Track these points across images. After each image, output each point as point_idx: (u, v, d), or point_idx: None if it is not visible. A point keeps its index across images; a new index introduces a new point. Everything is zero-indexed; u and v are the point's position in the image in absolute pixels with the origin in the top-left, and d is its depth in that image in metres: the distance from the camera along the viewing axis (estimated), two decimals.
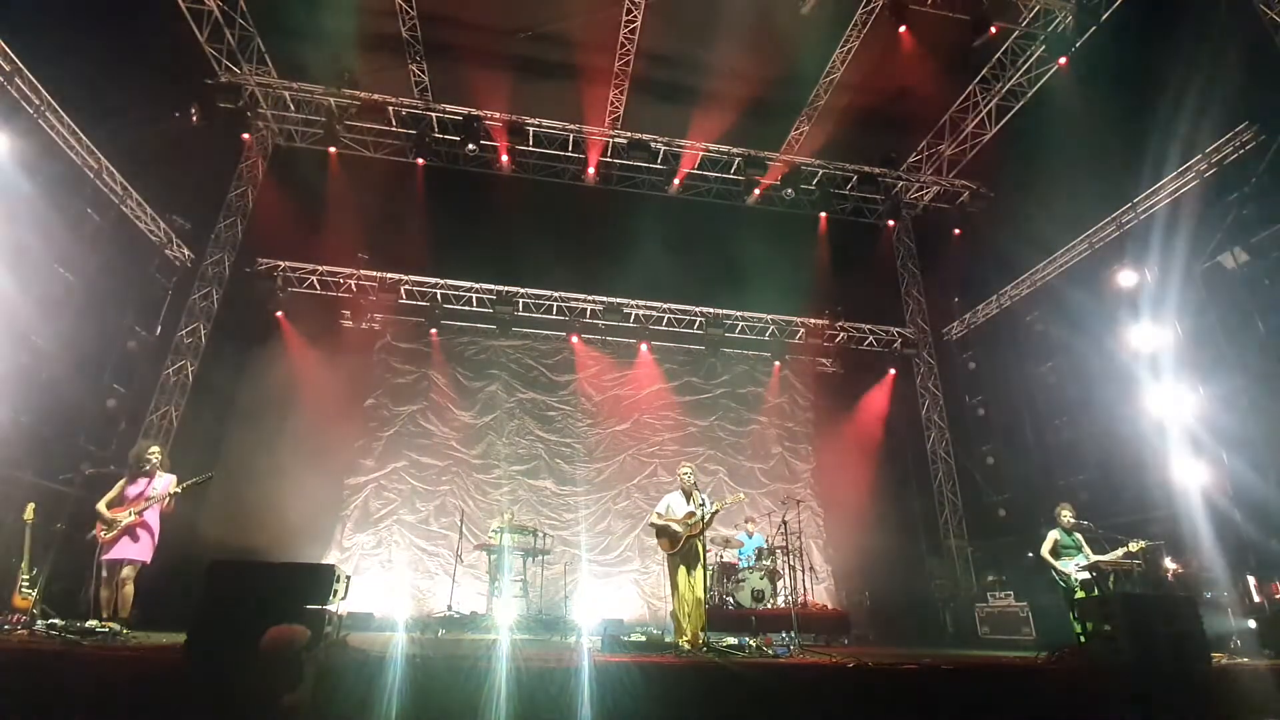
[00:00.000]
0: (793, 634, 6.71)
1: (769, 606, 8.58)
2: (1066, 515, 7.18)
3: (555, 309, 12.56)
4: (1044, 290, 11.37)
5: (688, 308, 12.85)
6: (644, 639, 5.39)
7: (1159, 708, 4.10)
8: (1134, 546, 6.75)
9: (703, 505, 6.00)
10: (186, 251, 10.95)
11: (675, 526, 6.00)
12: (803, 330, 13.17)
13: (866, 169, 12.54)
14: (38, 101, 8.13)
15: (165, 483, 5.80)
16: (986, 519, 11.76)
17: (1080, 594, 6.69)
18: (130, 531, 5.55)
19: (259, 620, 3.28)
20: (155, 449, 5.98)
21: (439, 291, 12.17)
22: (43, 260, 8.03)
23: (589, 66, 11.04)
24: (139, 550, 5.55)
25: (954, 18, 9.43)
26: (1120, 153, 9.22)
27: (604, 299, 12.51)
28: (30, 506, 5.86)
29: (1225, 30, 7.72)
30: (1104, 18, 9.14)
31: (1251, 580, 7.04)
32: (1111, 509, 8.76)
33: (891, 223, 13.92)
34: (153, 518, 5.69)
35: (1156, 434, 8.62)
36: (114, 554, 5.49)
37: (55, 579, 6.12)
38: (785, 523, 9.52)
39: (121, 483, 5.85)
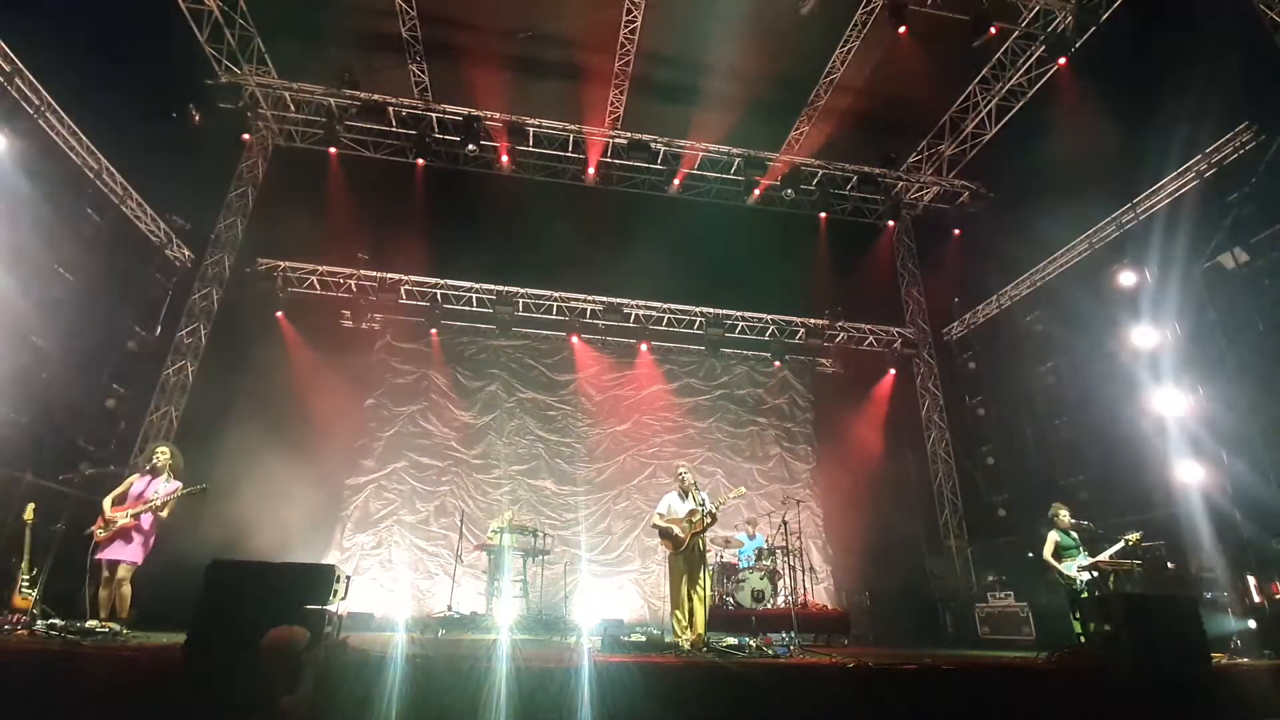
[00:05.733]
0: (793, 634, 6.71)
1: (769, 606, 8.57)
2: (1065, 515, 7.18)
3: (555, 309, 12.56)
4: (1044, 290, 11.37)
5: (688, 308, 12.85)
6: (644, 639, 5.39)
7: (1159, 708, 4.10)
8: (1130, 539, 6.77)
9: (703, 504, 6.01)
10: (186, 251, 10.95)
11: (676, 530, 6.00)
12: (803, 330, 13.16)
13: (866, 169, 12.54)
14: (38, 101, 8.13)
15: (168, 489, 5.80)
16: (986, 519, 11.76)
17: (1084, 594, 6.69)
18: (124, 532, 5.55)
19: (259, 620, 3.28)
20: (164, 451, 5.98)
21: (439, 291, 12.17)
22: (43, 260, 8.03)
23: (589, 66, 11.04)
24: (131, 551, 5.55)
25: (954, 18, 9.44)
26: (1120, 153, 9.21)
27: (604, 299, 12.51)
28: (30, 506, 5.85)
29: (1225, 30, 7.72)
30: (1104, 18, 9.14)
31: (1251, 580, 7.04)
32: (1111, 509, 8.75)
33: (891, 223, 13.91)
34: (148, 519, 5.68)
35: (1156, 434, 8.61)
36: (107, 554, 5.51)
37: (55, 579, 6.12)
38: (785, 523, 9.52)
39: (131, 480, 5.90)
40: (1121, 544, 6.78)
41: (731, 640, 5.81)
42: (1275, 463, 7.21)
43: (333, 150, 11.53)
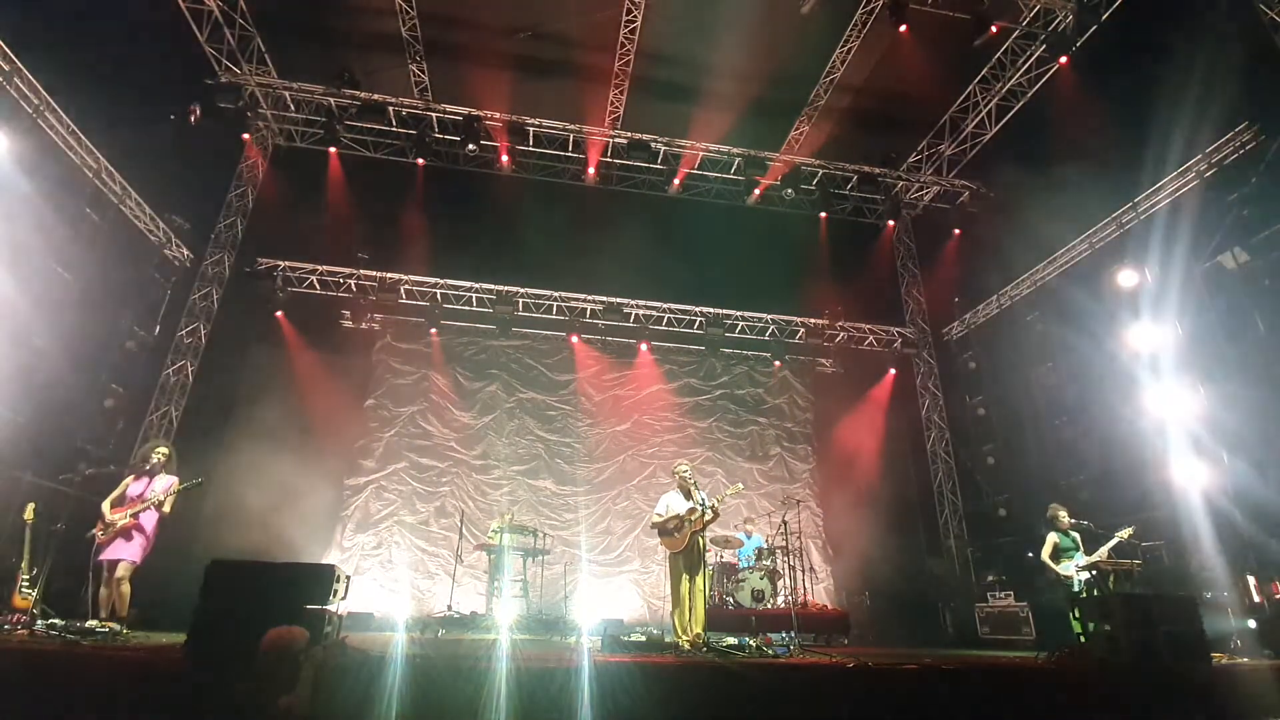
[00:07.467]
0: (793, 634, 6.71)
1: (769, 606, 8.57)
2: (1063, 516, 7.18)
3: (555, 309, 12.56)
4: (1044, 290, 11.37)
5: (688, 308, 12.85)
6: (644, 639, 5.39)
7: (1159, 708, 4.10)
8: (1123, 534, 6.78)
9: (703, 503, 6.00)
10: (186, 251, 10.95)
11: (678, 519, 5.98)
12: (803, 330, 13.16)
13: (866, 169, 12.53)
14: (37, 101, 8.13)
15: (165, 485, 5.79)
16: (986, 519, 11.76)
17: (1083, 594, 6.69)
18: (125, 532, 5.54)
19: (259, 620, 3.28)
20: (162, 450, 5.97)
21: (439, 291, 12.17)
22: (42, 260, 8.03)
23: (589, 66, 11.04)
24: (130, 550, 5.54)
25: (954, 17, 9.43)
26: (1120, 152, 9.21)
27: (604, 299, 12.51)
28: (30, 506, 5.86)
29: (1225, 30, 7.71)
30: (1104, 17, 9.13)
31: (1251, 580, 7.04)
32: (1111, 509, 8.75)
33: (891, 223, 13.90)
34: (148, 519, 5.67)
35: (1156, 434, 8.61)
36: (108, 554, 5.50)
37: (55, 579, 6.12)
38: (785, 523, 9.52)
39: (127, 481, 5.87)
40: (1115, 540, 6.79)
41: (731, 640, 5.80)
42: (1275, 463, 7.20)
43: (333, 150, 11.52)
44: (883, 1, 9.70)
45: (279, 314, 11.49)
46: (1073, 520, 7.20)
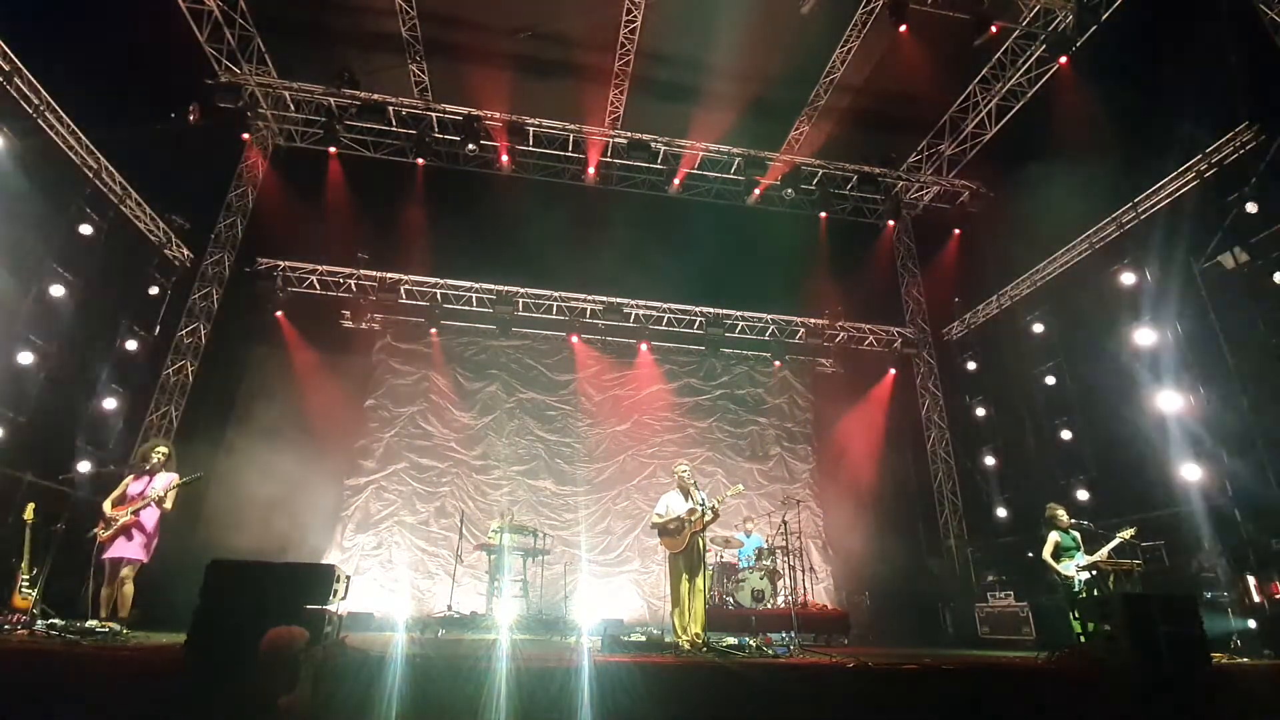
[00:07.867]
0: (793, 634, 6.72)
1: (769, 606, 8.58)
2: (1062, 515, 7.18)
3: (555, 309, 12.56)
4: (1044, 290, 11.37)
5: (688, 308, 12.85)
6: (644, 639, 5.39)
7: (1159, 708, 4.10)
8: (1126, 534, 6.79)
9: (703, 503, 6.00)
10: (186, 251, 10.95)
11: (678, 520, 5.98)
12: (803, 330, 13.17)
13: (866, 169, 12.53)
14: (37, 101, 8.13)
15: (165, 482, 5.79)
16: (986, 519, 11.76)
17: (1083, 594, 6.70)
18: (126, 531, 5.54)
19: (259, 620, 3.28)
20: (162, 448, 5.96)
21: (439, 291, 12.17)
22: (42, 260, 8.03)
23: (589, 66, 11.04)
24: (135, 549, 5.54)
25: (954, 17, 9.44)
26: (1120, 152, 9.21)
27: (604, 299, 12.51)
28: (30, 506, 5.86)
29: (1225, 30, 7.71)
30: (1104, 17, 9.13)
31: (1251, 580, 7.03)
32: (1111, 509, 8.75)
33: (891, 223, 13.91)
34: (150, 517, 5.67)
35: (1156, 434, 8.60)
36: (111, 553, 5.49)
37: (55, 579, 6.11)
38: (785, 523, 9.53)
39: (127, 480, 5.86)
40: (1117, 540, 6.79)
41: (731, 640, 5.80)
42: (1275, 463, 7.20)
43: (333, 150, 11.52)
44: (883, 1, 9.71)
45: (279, 314, 11.50)
46: (1072, 519, 7.20)
